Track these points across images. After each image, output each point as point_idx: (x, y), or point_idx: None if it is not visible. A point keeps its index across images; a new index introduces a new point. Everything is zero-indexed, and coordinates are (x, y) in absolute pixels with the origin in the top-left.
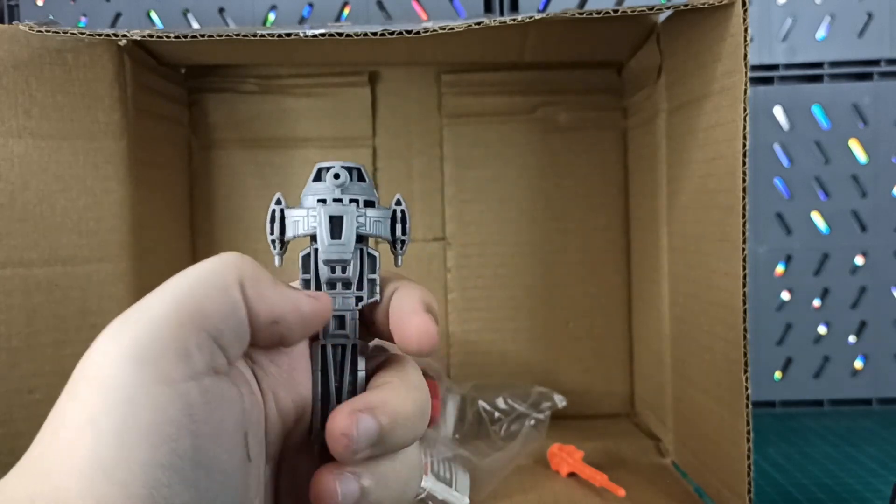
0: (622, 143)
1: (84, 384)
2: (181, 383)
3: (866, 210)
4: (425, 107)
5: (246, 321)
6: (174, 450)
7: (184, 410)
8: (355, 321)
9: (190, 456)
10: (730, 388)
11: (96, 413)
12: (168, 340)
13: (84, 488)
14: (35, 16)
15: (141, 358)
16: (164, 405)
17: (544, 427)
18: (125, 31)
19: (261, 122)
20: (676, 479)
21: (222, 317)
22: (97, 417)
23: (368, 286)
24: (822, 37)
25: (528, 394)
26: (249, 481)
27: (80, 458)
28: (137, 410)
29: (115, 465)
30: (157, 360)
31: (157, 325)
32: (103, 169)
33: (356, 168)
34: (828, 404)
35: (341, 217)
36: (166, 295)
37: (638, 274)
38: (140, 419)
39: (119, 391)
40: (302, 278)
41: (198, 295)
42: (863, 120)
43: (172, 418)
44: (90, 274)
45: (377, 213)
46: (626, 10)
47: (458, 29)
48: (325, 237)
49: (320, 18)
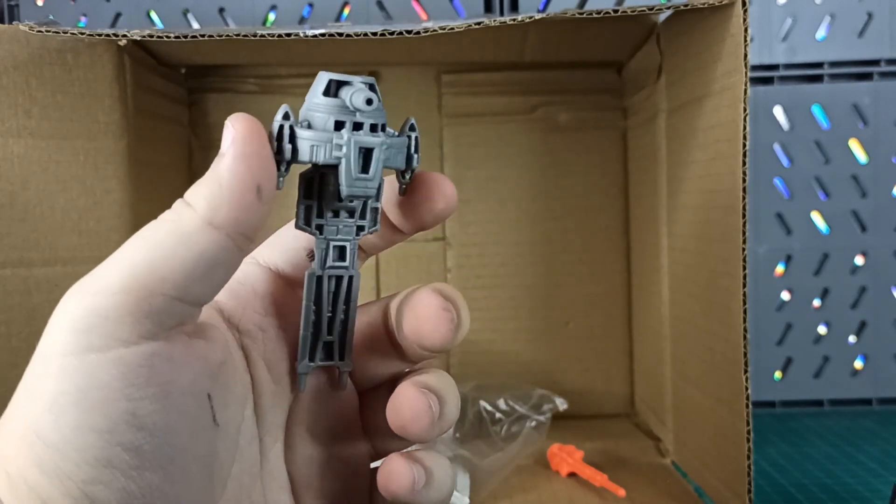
0: (622, 143)
1: (34, 355)
2: (115, 350)
3: (866, 210)
4: (425, 107)
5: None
6: (107, 414)
7: (117, 376)
8: (355, 251)
9: (127, 420)
10: (730, 388)
11: (34, 380)
12: (110, 309)
13: (22, 451)
14: (35, 16)
15: (77, 328)
16: (94, 371)
17: (545, 429)
18: (125, 31)
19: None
20: (676, 479)
21: (186, 273)
22: (35, 383)
23: (371, 215)
24: (823, 37)
25: (530, 395)
26: (217, 445)
27: (18, 422)
28: (68, 377)
29: (49, 429)
30: (91, 328)
31: (103, 294)
32: (103, 169)
33: (374, 85)
34: (828, 404)
35: (371, 149)
36: (120, 260)
37: (638, 274)
38: (70, 385)
39: (53, 360)
40: (303, 203)
41: (155, 256)
42: (863, 120)
43: (104, 383)
44: None
45: (396, 143)
46: (626, 10)
47: (458, 29)
48: (352, 170)
49: (320, 18)
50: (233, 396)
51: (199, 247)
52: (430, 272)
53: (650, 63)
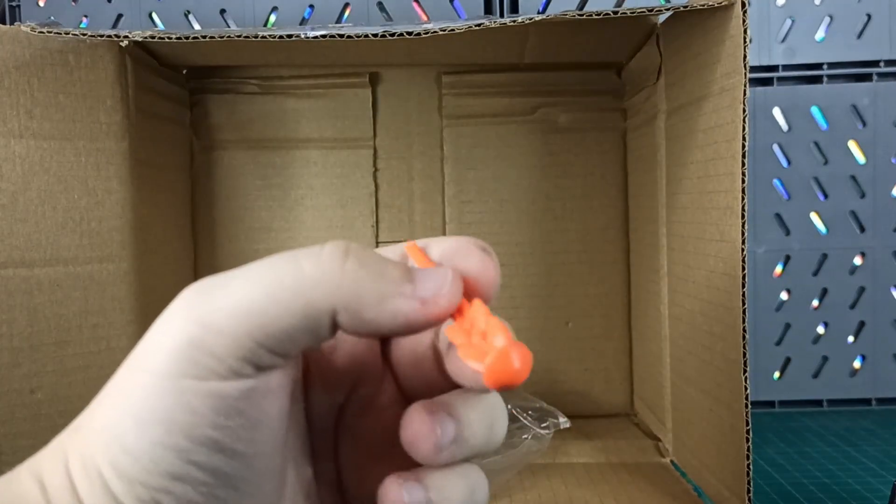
0: (622, 144)
1: (130, 358)
2: (211, 382)
3: (865, 211)
4: (426, 108)
5: (328, 339)
6: (190, 437)
7: (209, 405)
8: None
9: (208, 445)
10: (729, 388)
11: (125, 386)
12: (216, 347)
13: (100, 447)
14: (37, 17)
15: (178, 356)
16: (186, 397)
17: (546, 442)
18: (127, 32)
19: (262, 122)
20: (676, 479)
21: (293, 339)
22: (125, 389)
23: None
24: (821, 38)
25: (534, 408)
26: (286, 459)
27: (101, 418)
28: (159, 396)
29: (130, 437)
30: (191, 360)
31: (212, 333)
32: (105, 169)
33: None
34: (826, 404)
35: None
36: (241, 298)
37: (638, 274)
38: (159, 404)
39: (148, 377)
40: None
41: (271, 313)
42: (861, 121)
43: (193, 409)
44: (92, 274)
45: None
46: (626, 12)
47: (458, 30)
48: None
49: (321, 20)
50: (298, 407)
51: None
52: None
53: (650, 64)
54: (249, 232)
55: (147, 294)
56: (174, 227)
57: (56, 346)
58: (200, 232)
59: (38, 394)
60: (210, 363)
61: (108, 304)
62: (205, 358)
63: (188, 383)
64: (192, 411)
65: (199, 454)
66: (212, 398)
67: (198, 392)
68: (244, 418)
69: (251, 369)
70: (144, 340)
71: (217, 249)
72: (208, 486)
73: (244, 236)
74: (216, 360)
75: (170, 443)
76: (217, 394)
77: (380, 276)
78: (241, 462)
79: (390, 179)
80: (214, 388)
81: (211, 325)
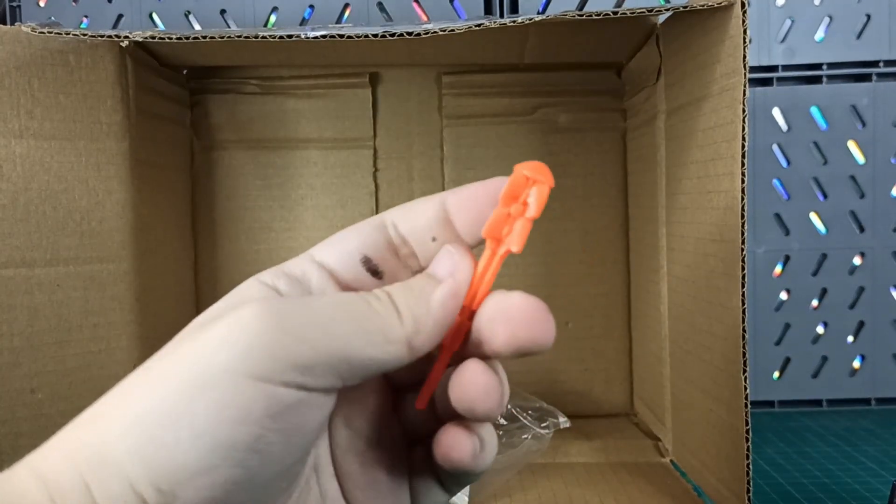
0: (622, 144)
1: (188, 336)
2: (270, 386)
3: (864, 211)
4: (426, 108)
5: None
6: (232, 432)
7: (262, 406)
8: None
9: (248, 442)
10: (729, 388)
11: (174, 366)
12: (283, 360)
13: (126, 443)
14: (37, 17)
15: (246, 356)
16: (243, 394)
17: (546, 442)
18: (127, 33)
19: (262, 123)
20: (675, 479)
21: (367, 369)
22: (175, 370)
23: None
24: (821, 38)
25: (534, 408)
26: (310, 482)
27: (133, 414)
28: (215, 388)
29: (169, 416)
30: (258, 363)
31: (285, 348)
32: (105, 169)
33: None
34: (826, 404)
35: None
36: (315, 324)
37: (638, 274)
38: (214, 394)
39: (208, 367)
40: None
41: (343, 346)
42: (861, 121)
43: (245, 407)
44: (92, 274)
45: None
46: (626, 12)
47: (458, 30)
48: None
49: (321, 20)
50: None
51: (387, 356)
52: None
53: (649, 64)
54: (249, 232)
55: (147, 294)
56: (174, 227)
57: (56, 346)
58: (201, 232)
59: (39, 393)
60: (275, 371)
61: (108, 304)
62: (271, 364)
63: (247, 381)
64: (244, 408)
65: (235, 450)
66: (266, 399)
67: (255, 392)
68: (287, 425)
69: (310, 384)
70: (190, 336)
71: (217, 249)
72: (234, 484)
73: (244, 236)
74: (280, 371)
75: (210, 431)
76: (272, 396)
77: (411, 289)
78: (269, 467)
79: (390, 179)
80: (272, 391)
81: (299, 336)
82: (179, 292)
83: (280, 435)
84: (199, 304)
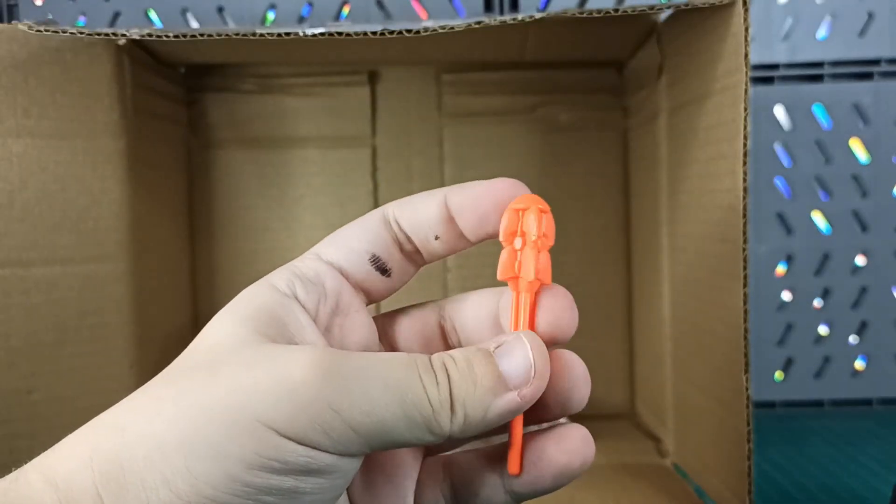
0: (623, 143)
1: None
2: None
3: (867, 210)
4: (425, 106)
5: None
6: (251, 477)
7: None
8: None
9: (271, 489)
10: (730, 389)
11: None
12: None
13: (150, 468)
14: (34, 15)
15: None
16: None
17: None
18: (124, 31)
19: (260, 121)
20: (677, 480)
21: (399, 444)
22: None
23: None
24: (823, 36)
25: None
26: None
27: (158, 430)
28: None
29: (203, 460)
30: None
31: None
32: (102, 168)
33: None
34: (828, 405)
35: None
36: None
37: (638, 274)
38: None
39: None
40: None
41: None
42: (864, 119)
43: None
44: (89, 274)
45: None
46: (627, 10)
47: (458, 28)
48: None
49: (320, 17)
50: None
51: (423, 442)
52: (430, 272)
53: (651, 63)
54: (247, 231)
55: (144, 294)
56: (172, 227)
57: (53, 346)
58: (198, 231)
59: (35, 394)
60: (319, 439)
61: (105, 304)
62: (317, 430)
63: (283, 440)
64: (270, 459)
65: (258, 493)
66: (298, 458)
67: (288, 448)
68: (315, 485)
69: (353, 452)
70: (231, 365)
71: (215, 249)
72: None
73: (242, 235)
74: (327, 437)
75: (242, 483)
76: (307, 456)
77: (475, 384)
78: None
79: (389, 178)
80: (308, 452)
81: (346, 418)
82: (177, 292)
83: (304, 485)
84: (196, 303)
